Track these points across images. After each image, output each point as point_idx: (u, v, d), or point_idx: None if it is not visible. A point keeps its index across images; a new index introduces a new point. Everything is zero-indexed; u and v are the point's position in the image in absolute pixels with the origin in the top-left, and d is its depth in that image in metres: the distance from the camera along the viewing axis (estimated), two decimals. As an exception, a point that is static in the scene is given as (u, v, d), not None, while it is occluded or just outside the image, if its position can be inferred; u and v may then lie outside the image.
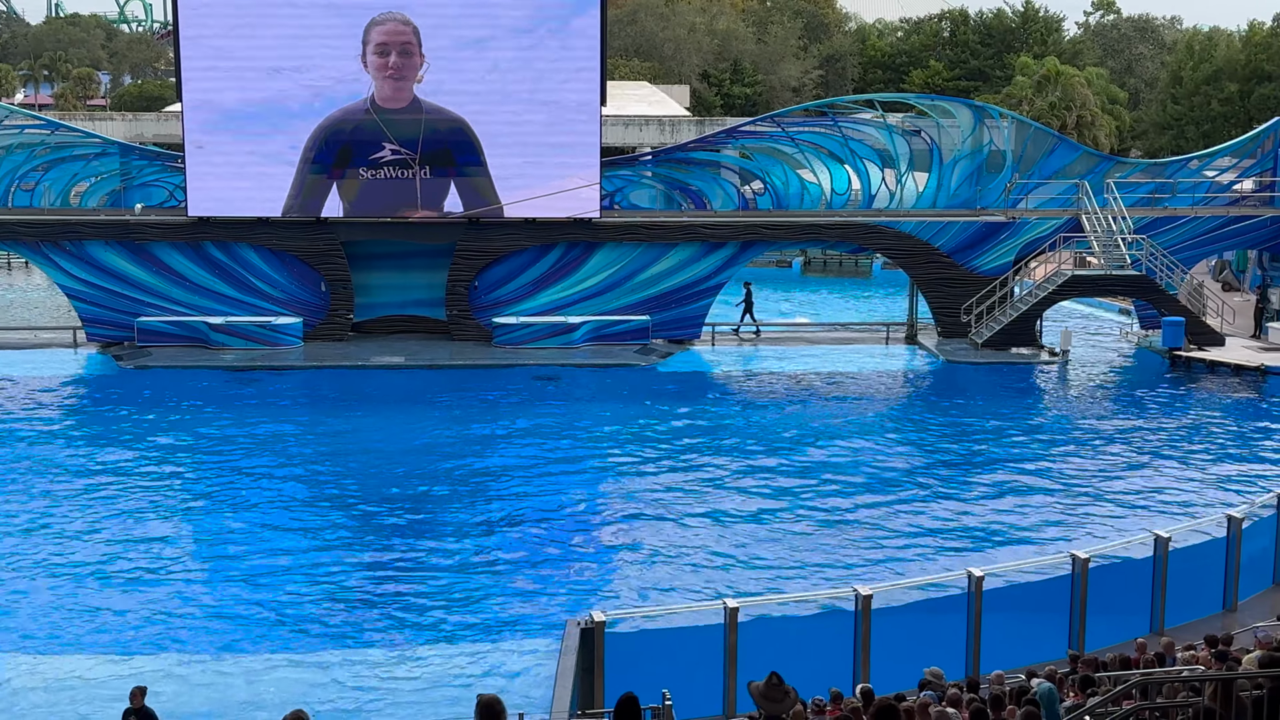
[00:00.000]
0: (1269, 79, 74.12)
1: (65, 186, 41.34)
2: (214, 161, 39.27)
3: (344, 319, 40.97)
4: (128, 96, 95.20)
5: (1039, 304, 40.74)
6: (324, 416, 33.72)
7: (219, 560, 23.44)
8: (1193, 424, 33.56)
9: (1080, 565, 19.46)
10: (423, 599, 21.66)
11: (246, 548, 23.93)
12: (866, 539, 24.74)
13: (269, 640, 20.05)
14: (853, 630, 17.83)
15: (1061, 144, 44.05)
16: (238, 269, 40.54)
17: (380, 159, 39.72)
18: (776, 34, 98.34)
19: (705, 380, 38.71)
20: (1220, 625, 19.75)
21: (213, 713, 17.22)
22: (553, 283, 41.39)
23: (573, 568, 23.36)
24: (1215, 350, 39.69)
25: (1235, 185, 44.61)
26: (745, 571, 22.96)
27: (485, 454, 30.39)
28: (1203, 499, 27.12)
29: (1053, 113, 70.08)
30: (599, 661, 16.99)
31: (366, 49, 39.31)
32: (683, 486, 27.83)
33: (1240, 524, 21.21)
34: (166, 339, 39.77)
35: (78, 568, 22.64)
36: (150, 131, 65.50)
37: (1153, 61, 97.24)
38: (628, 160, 45.45)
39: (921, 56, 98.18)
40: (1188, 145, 70.37)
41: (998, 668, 16.76)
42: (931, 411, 35.30)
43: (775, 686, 9.03)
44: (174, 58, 40.28)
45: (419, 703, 17.76)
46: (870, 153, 42.48)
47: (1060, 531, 25.04)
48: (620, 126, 62.57)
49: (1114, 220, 41.18)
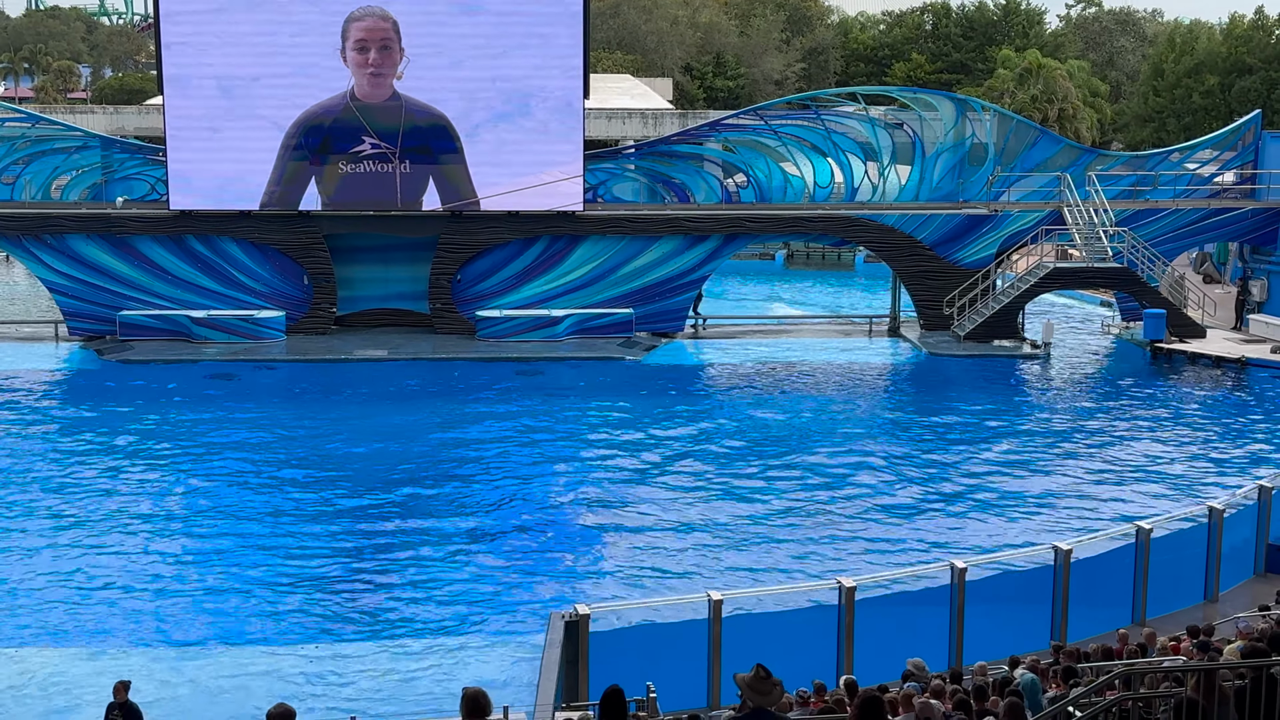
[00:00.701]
0: (1250, 71, 74.34)
1: (46, 180, 41.14)
2: (195, 155, 39.10)
3: (327, 312, 40.87)
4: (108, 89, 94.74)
5: (1021, 296, 40.85)
6: (307, 410, 33.64)
7: (200, 554, 23.34)
8: (1173, 416, 33.69)
9: (1062, 556, 19.51)
10: (406, 591, 21.64)
11: (228, 541, 23.86)
12: (849, 531, 24.78)
13: (252, 634, 20.01)
14: (836, 622, 17.85)
15: (1043, 137, 44.14)
16: (220, 262, 40.41)
17: (360, 152, 39.61)
18: (759, 27, 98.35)
19: (689, 373, 38.72)
20: (1202, 616, 19.83)
21: (196, 706, 17.17)
22: (536, 276, 41.36)
23: (556, 560, 23.36)
24: (1196, 342, 39.83)
25: (1216, 178, 44.75)
26: (729, 563, 22.97)
27: (468, 447, 30.33)
28: (1184, 490, 27.23)
29: (1035, 106, 70.25)
30: (583, 654, 16.98)
31: (346, 44, 39.16)
32: (666, 479, 27.84)
33: (1221, 515, 21.28)
34: (149, 333, 39.64)
35: (59, 562, 22.55)
36: (131, 125, 65.17)
37: (1134, 54, 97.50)
38: (611, 153, 45.38)
39: (904, 49, 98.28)
40: (1169, 138, 70.55)
41: (981, 659, 16.82)
42: (914, 404, 35.36)
43: (763, 679, 9.01)
44: (155, 50, 40.12)
45: (402, 696, 17.73)
46: (853, 146, 42.51)
47: (1042, 522, 25.12)
48: (603, 119, 62.49)
49: (1096, 213, 41.29)
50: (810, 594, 19.26)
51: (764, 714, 9.02)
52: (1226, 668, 10.26)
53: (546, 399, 34.81)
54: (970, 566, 18.89)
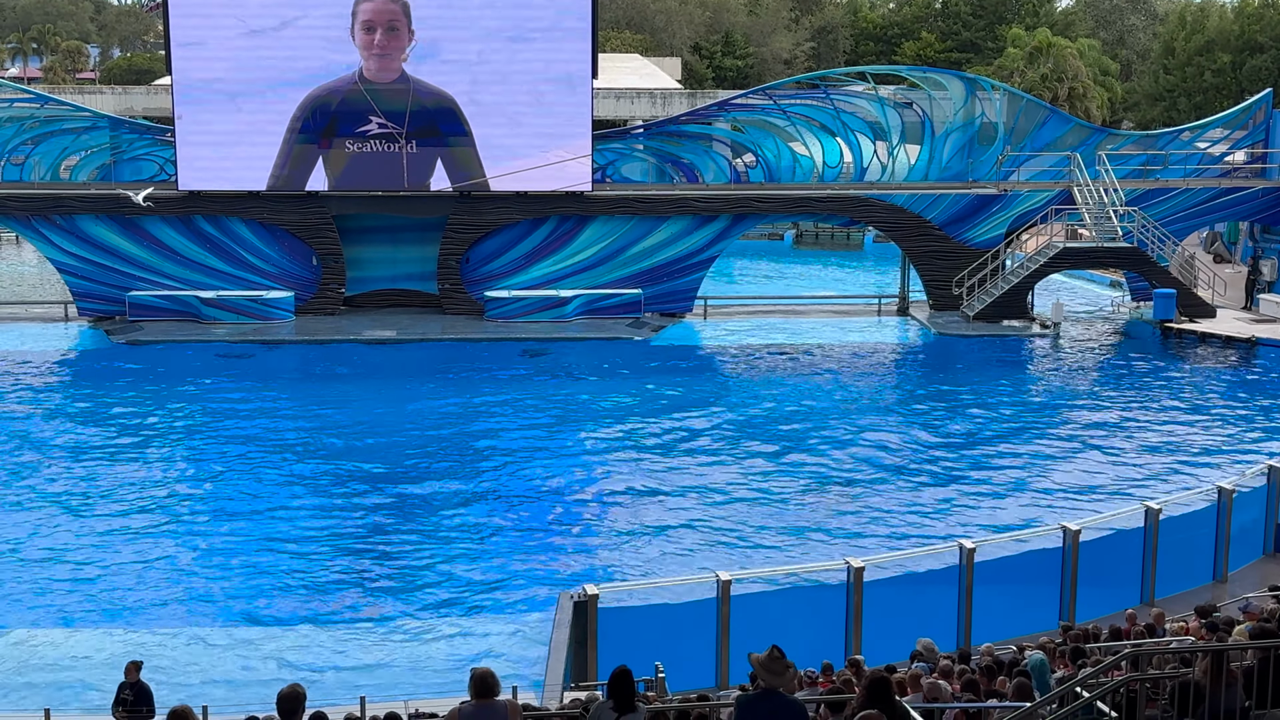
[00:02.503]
0: (1261, 50, 73.93)
1: (55, 160, 41.12)
2: (204, 135, 39.07)
3: (336, 293, 40.88)
4: (117, 70, 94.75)
5: (1030, 276, 40.74)
6: (315, 390, 33.69)
7: (209, 534, 23.40)
8: (1183, 396, 33.62)
9: (1071, 537, 19.51)
10: (414, 572, 21.68)
11: (237, 521, 23.93)
12: (858, 511, 24.79)
13: (260, 613, 20.08)
14: (844, 602, 17.88)
15: (1053, 116, 43.95)
16: (229, 243, 40.43)
17: (367, 132, 39.56)
18: (768, 6, 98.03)
19: (697, 353, 38.69)
20: (1210, 596, 19.82)
21: (206, 685, 17.22)
22: (544, 256, 41.32)
23: (565, 540, 23.39)
24: (1206, 322, 39.72)
25: (1227, 157, 44.57)
26: (737, 543, 22.99)
27: (477, 427, 30.36)
28: (1193, 470, 27.18)
29: (1044, 84, 69.89)
30: (592, 634, 17.03)
31: (355, 23, 39.10)
32: (675, 459, 27.85)
33: (1230, 495, 21.26)
34: (158, 313, 39.67)
35: (71, 543, 22.64)
36: (140, 105, 65.05)
37: (1145, 33, 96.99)
38: (619, 133, 45.30)
39: (913, 28, 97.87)
40: (1180, 117, 70.26)
41: (990, 639, 16.84)
42: (923, 384, 35.33)
43: (777, 659, 9.03)
44: (163, 30, 40.06)
45: (413, 679, 17.75)
46: (862, 125, 42.36)
47: (1050, 502, 25.10)
48: (611, 99, 62.32)
49: (1105, 192, 41.14)
50: (818, 574, 19.29)
51: (774, 694, 9.03)
52: (1235, 649, 10.24)
53: (555, 379, 34.83)
54: (979, 547, 18.92)
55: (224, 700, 16.01)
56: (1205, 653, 9.38)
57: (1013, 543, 20.55)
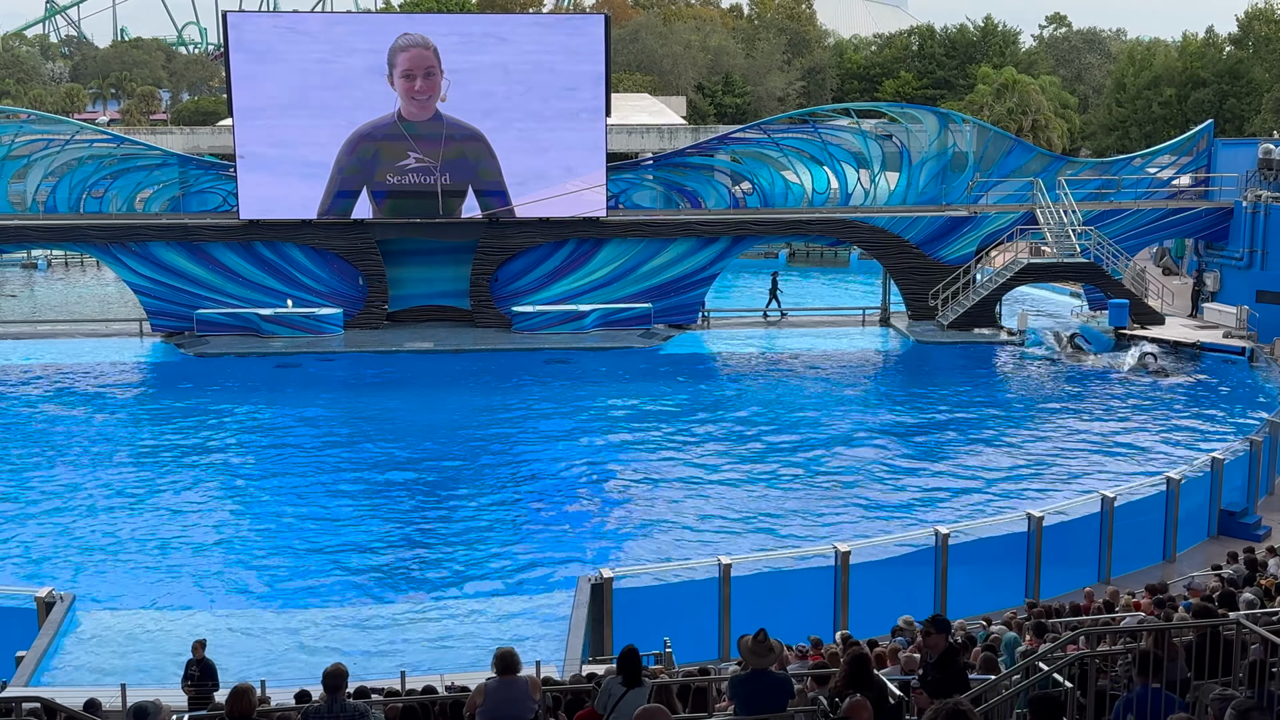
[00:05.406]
0: (1203, 84, 73.74)
1: (131, 194, 41.21)
2: (262, 169, 39.15)
3: (379, 309, 40.92)
4: (185, 112, 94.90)
5: (998, 289, 40.62)
6: (362, 396, 33.75)
7: (266, 525, 23.45)
8: (1134, 396, 33.49)
9: (1035, 522, 19.46)
10: (445, 558, 21.68)
11: (291, 513, 23.96)
12: (846, 500, 24.74)
13: (310, 596, 20.09)
14: (833, 583, 17.85)
15: (1018, 145, 43.82)
16: (285, 265, 40.48)
17: (406, 166, 39.63)
18: (763, 49, 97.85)
19: (702, 360, 38.65)
20: (1161, 574, 19.75)
21: (262, 661, 17.23)
22: (565, 275, 41.30)
23: (584, 528, 23.38)
24: (1156, 328, 39.53)
25: (1173, 181, 44.40)
26: (737, 530, 22.96)
27: (505, 428, 30.38)
28: (1146, 460, 27.08)
29: (1010, 117, 69.72)
30: (608, 613, 17.02)
31: (394, 71, 39.15)
32: (683, 456, 27.82)
33: (1178, 483, 21.20)
34: (222, 328, 39.73)
35: (145, 534, 22.69)
36: (206, 143, 65.30)
37: (1100, 70, 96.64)
38: (630, 165, 45.28)
39: (893, 68, 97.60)
40: (1131, 145, 70.01)
41: (963, 615, 16.80)
42: (903, 386, 35.25)
43: (761, 642, 9.04)
44: (226, 77, 40.18)
45: (440, 656, 17.66)
46: (847, 155, 42.29)
47: (1017, 491, 25.02)
48: (623, 134, 62.29)
49: (1065, 213, 41.00)
50: (809, 558, 19.25)
51: (763, 673, 9.04)
52: (1179, 627, 10.20)
53: (575, 384, 34.83)
54: (952, 532, 18.87)
55: (278, 676, 16.00)
56: (1150, 631, 9.34)
57: (983, 528, 20.52)
